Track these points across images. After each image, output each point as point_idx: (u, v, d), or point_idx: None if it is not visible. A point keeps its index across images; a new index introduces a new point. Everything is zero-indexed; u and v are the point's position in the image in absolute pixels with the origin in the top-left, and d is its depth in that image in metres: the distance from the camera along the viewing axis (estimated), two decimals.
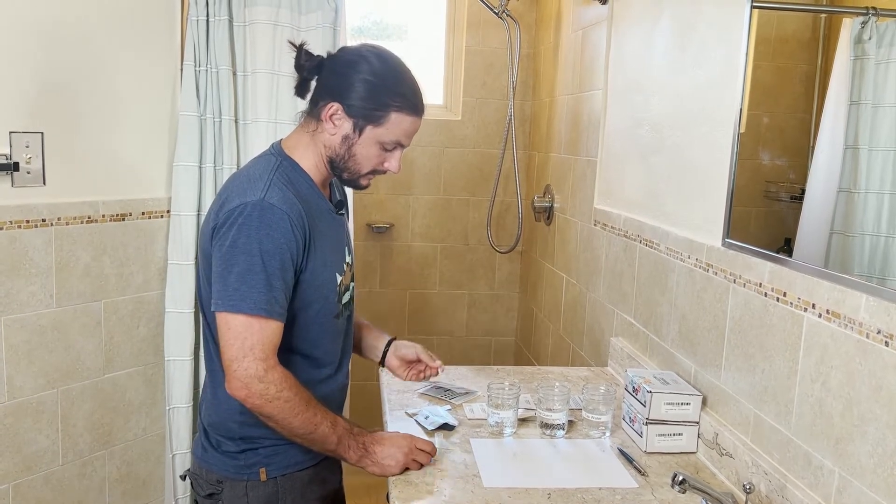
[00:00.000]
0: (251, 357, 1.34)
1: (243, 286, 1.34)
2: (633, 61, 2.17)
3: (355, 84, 1.42)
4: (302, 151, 1.49)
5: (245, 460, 1.48)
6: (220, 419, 1.49)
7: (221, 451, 1.49)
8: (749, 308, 1.49)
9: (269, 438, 1.46)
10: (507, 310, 3.61)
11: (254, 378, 1.34)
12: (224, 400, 1.44)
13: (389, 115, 1.43)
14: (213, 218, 1.42)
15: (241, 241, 1.35)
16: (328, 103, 1.44)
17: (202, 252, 1.46)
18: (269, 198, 1.37)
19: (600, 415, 1.69)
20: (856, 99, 1.28)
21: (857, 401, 1.17)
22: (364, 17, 3.46)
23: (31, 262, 2.13)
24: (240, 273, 1.34)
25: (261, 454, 1.47)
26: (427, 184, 3.45)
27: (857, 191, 1.28)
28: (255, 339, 1.34)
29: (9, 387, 2.11)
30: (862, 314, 1.16)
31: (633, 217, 2.10)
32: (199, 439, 1.56)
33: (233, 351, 1.34)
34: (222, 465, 1.49)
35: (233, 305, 1.34)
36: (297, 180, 1.46)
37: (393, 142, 1.47)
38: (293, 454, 1.49)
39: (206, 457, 1.52)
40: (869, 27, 1.25)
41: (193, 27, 2.38)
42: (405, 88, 1.45)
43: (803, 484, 1.29)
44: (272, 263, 1.35)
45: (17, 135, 2.07)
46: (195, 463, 1.56)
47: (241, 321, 1.34)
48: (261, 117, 2.49)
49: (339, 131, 1.45)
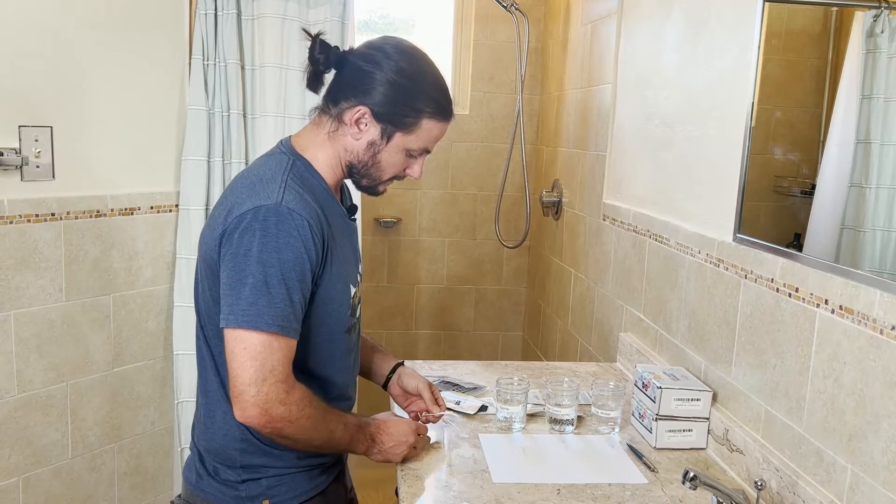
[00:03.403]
0: (272, 380, 1.21)
1: (261, 300, 1.21)
2: (643, 55, 2.16)
3: (382, 86, 1.31)
4: (316, 151, 1.37)
5: (246, 491, 1.34)
6: (219, 445, 1.35)
7: (220, 479, 1.35)
8: (760, 304, 1.48)
9: (274, 467, 1.35)
10: (515, 305, 3.61)
11: (276, 403, 1.21)
12: (222, 424, 1.34)
13: (421, 122, 1.34)
14: (221, 223, 1.27)
15: (255, 248, 1.22)
16: (354, 106, 1.32)
17: (203, 259, 1.33)
18: (286, 201, 1.24)
19: (609, 410, 1.69)
20: (867, 93, 1.27)
21: (870, 397, 1.16)
22: (371, 11, 3.45)
23: (41, 255, 2.13)
24: (255, 285, 1.21)
25: (263, 484, 1.34)
26: (435, 178, 3.45)
27: (868, 185, 1.27)
28: (274, 359, 1.21)
29: (19, 380, 2.12)
30: (876, 310, 1.15)
31: (643, 212, 2.10)
32: (192, 463, 1.41)
33: (250, 374, 1.20)
34: (220, 495, 1.35)
35: (249, 322, 1.20)
36: (312, 182, 1.34)
37: (420, 148, 1.38)
38: (298, 482, 1.37)
39: (202, 484, 1.37)
40: (881, 21, 1.24)
41: (202, 21, 2.38)
42: (436, 91, 1.36)
43: (815, 481, 1.29)
44: (291, 275, 1.23)
45: (27, 129, 2.07)
46: (187, 489, 1.41)
47: (259, 340, 1.21)
48: (269, 111, 2.49)
49: (364, 136, 1.34)
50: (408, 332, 3.59)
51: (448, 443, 1.60)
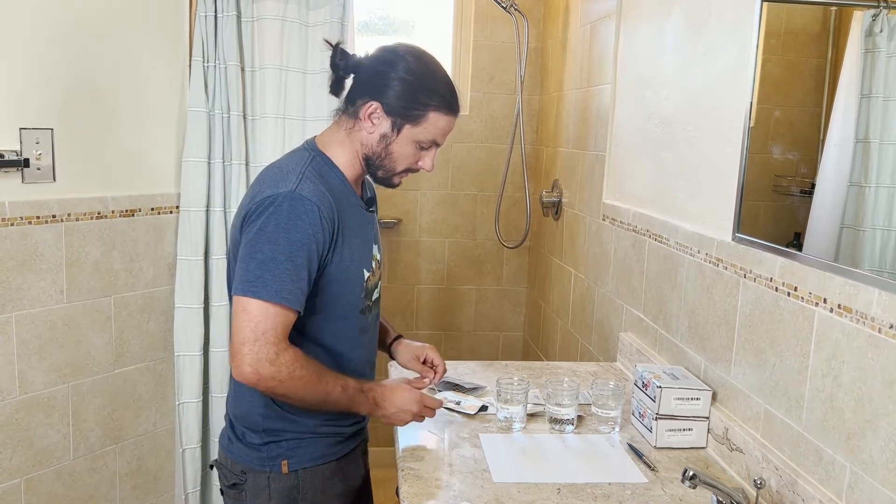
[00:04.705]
0: (262, 341, 1.34)
1: (266, 273, 1.34)
2: (642, 55, 2.17)
3: (393, 83, 1.44)
4: (336, 148, 1.50)
5: (268, 452, 1.50)
6: (245, 411, 1.51)
7: (245, 442, 1.52)
8: (760, 303, 1.48)
9: (293, 431, 1.49)
10: (515, 305, 3.61)
11: (265, 361, 1.34)
12: (248, 392, 1.47)
13: (428, 115, 1.46)
14: (245, 207, 1.43)
15: (268, 229, 1.36)
16: (367, 102, 1.45)
17: (232, 242, 1.47)
18: (300, 189, 1.38)
19: (610, 410, 1.69)
20: (867, 92, 1.27)
21: (869, 396, 1.17)
22: (371, 12, 3.46)
23: (42, 257, 2.14)
24: (262, 260, 1.35)
25: (283, 447, 1.49)
26: (435, 179, 3.45)
27: (867, 185, 1.27)
28: (268, 323, 1.34)
29: (20, 382, 2.13)
30: (874, 309, 1.15)
31: (643, 212, 2.10)
32: (226, 430, 1.58)
33: (244, 333, 1.34)
34: (246, 457, 1.51)
35: (253, 291, 1.34)
36: (330, 175, 1.47)
37: (429, 140, 1.49)
38: (315, 448, 1.51)
39: (232, 448, 1.54)
40: (880, 20, 1.24)
41: (202, 23, 2.38)
42: (443, 88, 1.47)
43: (814, 479, 1.29)
44: (299, 253, 1.36)
45: (28, 131, 2.08)
46: (221, 453, 1.59)
47: (258, 306, 1.34)
48: (269, 113, 2.49)
49: (377, 130, 1.47)
50: (408, 332, 3.59)
51: (448, 442, 1.61)
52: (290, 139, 2.48)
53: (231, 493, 1.55)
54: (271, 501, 1.50)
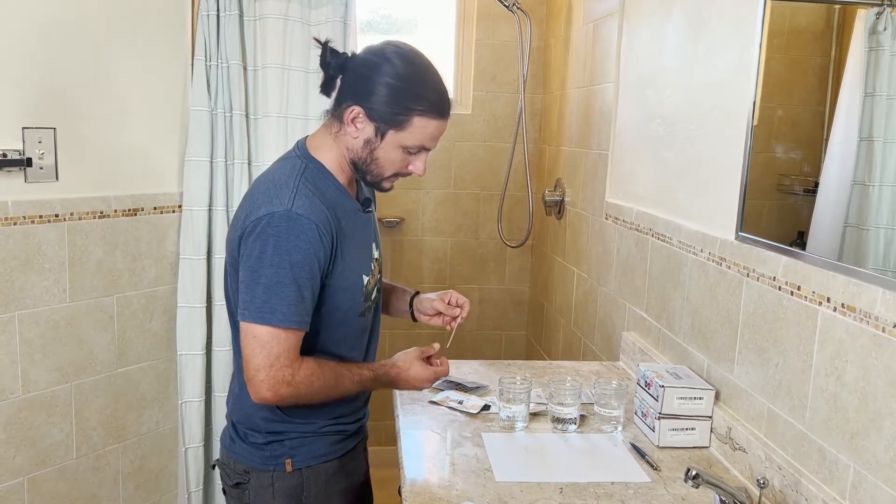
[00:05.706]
0: (277, 365, 1.36)
1: (273, 298, 1.35)
2: (645, 54, 2.16)
3: (378, 88, 1.40)
4: (326, 152, 1.48)
5: (271, 451, 1.50)
6: (247, 415, 1.51)
7: (248, 442, 1.52)
8: (763, 302, 1.48)
9: (295, 431, 1.50)
10: (518, 304, 3.61)
11: (282, 384, 1.36)
12: (249, 398, 1.45)
13: (412, 120, 1.41)
14: (241, 225, 1.41)
15: (268, 251, 1.35)
16: (350, 106, 1.42)
17: (230, 258, 1.46)
18: (296, 207, 1.36)
19: (612, 409, 1.69)
20: (870, 91, 1.27)
21: (872, 395, 1.16)
22: (373, 11, 3.46)
23: (45, 256, 2.14)
24: (267, 285, 1.35)
25: (286, 446, 1.50)
26: (437, 178, 3.45)
27: (871, 183, 1.27)
28: (281, 348, 1.36)
29: (23, 381, 2.13)
30: (878, 308, 1.15)
31: (646, 211, 2.10)
32: (227, 430, 1.58)
33: (258, 360, 1.35)
34: (249, 456, 1.51)
35: (261, 318, 1.35)
36: (323, 183, 1.45)
37: (416, 146, 1.45)
38: (318, 446, 1.52)
39: (234, 447, 1.54)
40: (884, 18, 1.24)
41: (204, 22, 2.38)
42: (429, 92, 1.42)
43: (818, 479, 1.29)
44: (301, 274, 1.36)
45: (30, 130, 2.08)
46: (223, 453, 1.59)
47: (268, 332, 1.35)
48: (271, 112, 2.49)
49: (360, 135, 1.43)
50: (411, 331, 3.58)
51: (451, 442, 1.61)
52: (292, 138, 2.48)
53: (234, 492, 1.55)
54: (275, 500, 1.50)
